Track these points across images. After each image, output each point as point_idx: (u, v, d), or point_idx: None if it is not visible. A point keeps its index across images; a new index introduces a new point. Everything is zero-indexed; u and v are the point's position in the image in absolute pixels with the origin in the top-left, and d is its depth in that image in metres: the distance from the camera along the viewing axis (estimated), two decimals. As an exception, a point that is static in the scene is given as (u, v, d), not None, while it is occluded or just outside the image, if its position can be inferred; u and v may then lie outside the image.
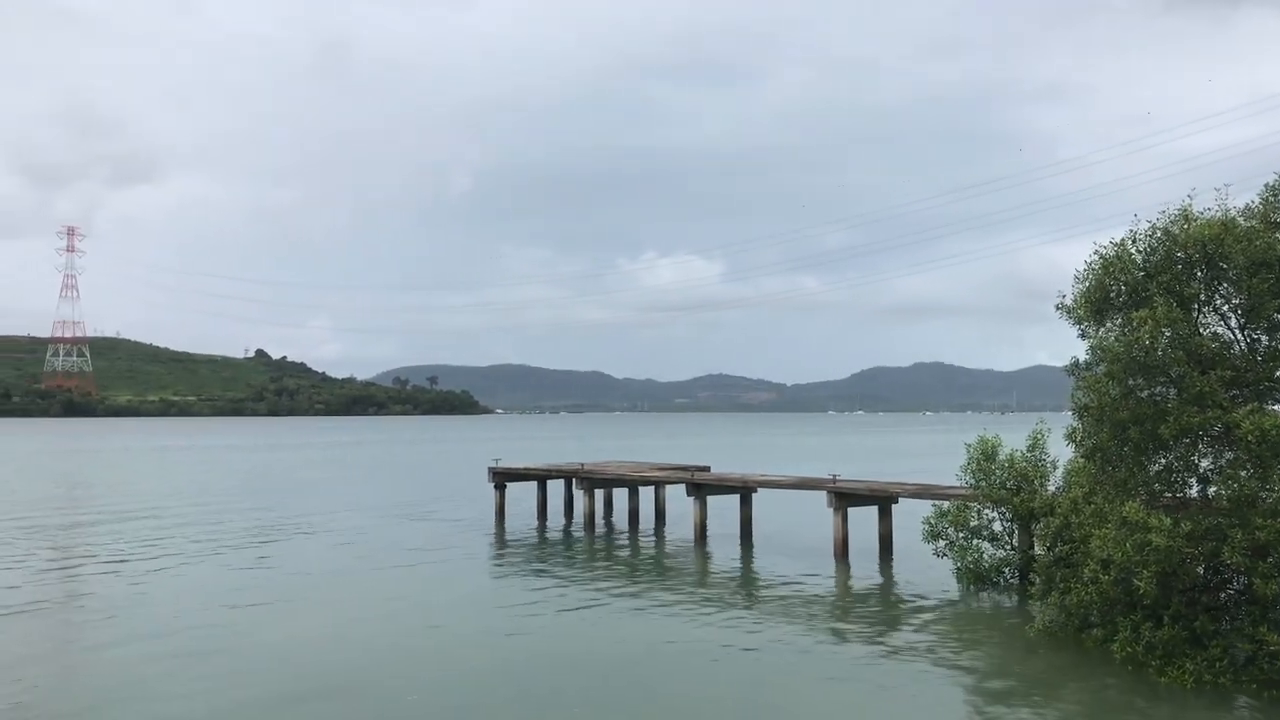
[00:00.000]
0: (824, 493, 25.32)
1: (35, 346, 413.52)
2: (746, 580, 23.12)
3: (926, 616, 18.72)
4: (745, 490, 29.03)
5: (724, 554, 26.70)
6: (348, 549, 28.35)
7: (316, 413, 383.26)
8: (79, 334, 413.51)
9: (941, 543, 21.29)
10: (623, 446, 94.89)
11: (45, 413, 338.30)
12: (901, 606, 19.75)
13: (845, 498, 25.01)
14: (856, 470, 45.07)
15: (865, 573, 23.49)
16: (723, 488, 29.18)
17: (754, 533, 28.84)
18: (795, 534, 29.94)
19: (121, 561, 25.93)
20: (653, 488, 33.25)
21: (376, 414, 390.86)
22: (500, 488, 35.10)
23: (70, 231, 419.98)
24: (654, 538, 30.21)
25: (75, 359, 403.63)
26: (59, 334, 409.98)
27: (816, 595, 20.92)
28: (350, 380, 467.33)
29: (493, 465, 35.66)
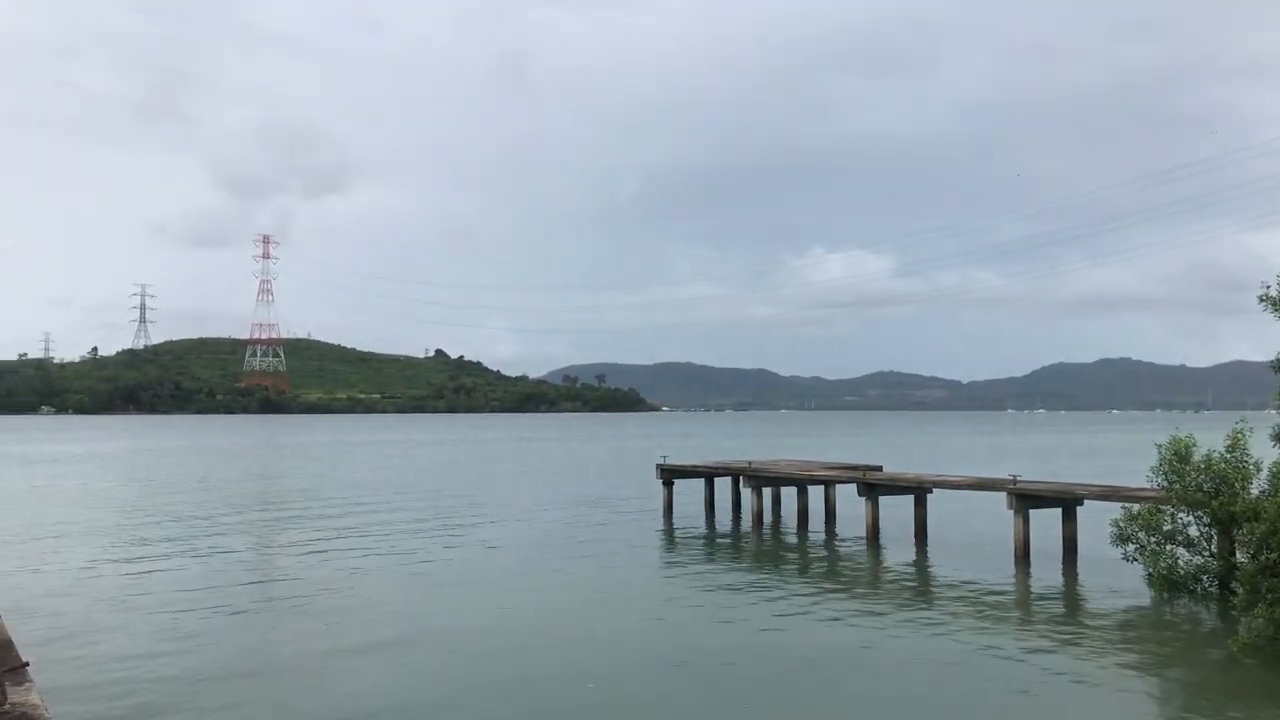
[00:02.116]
0: (1003, 494, 24.43)
1: (236, 347, 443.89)
2: (922, 583, 22.57)
3: (1116, 625, 17.81)
4: (920, 491, 28.31)
5: (898, 556, 26.13)
6: (524, 541, 29.23)
7: (491, 409, 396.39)
8: (274, 336, 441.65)
9: (1131, 547, 20.22)
10: (789, 445, 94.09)
11: (245, 409, 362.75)
12: (1088, 613, 18.85)
13: (1026, 499, 24.06)
14: (1037, 470, 43.29)
15: (1048, 577, 22.52)
16: (896, 488, 28.54)
17: (929, 535, 28.11)
18: (972, 537, 29.01)
19: (321, 552, 27.55)
20: (822, 487, 32.86)
21: (548, 411, 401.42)
22: (668, 484, 35.45)
23: (265, 240, 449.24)
24: (824, 538, 29.85)
25: (271, 359, 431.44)
26: (256, 336, 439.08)
27: (996, 600, 20.21)
28: (523, 378, 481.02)
29: (660, 462, 36.03)
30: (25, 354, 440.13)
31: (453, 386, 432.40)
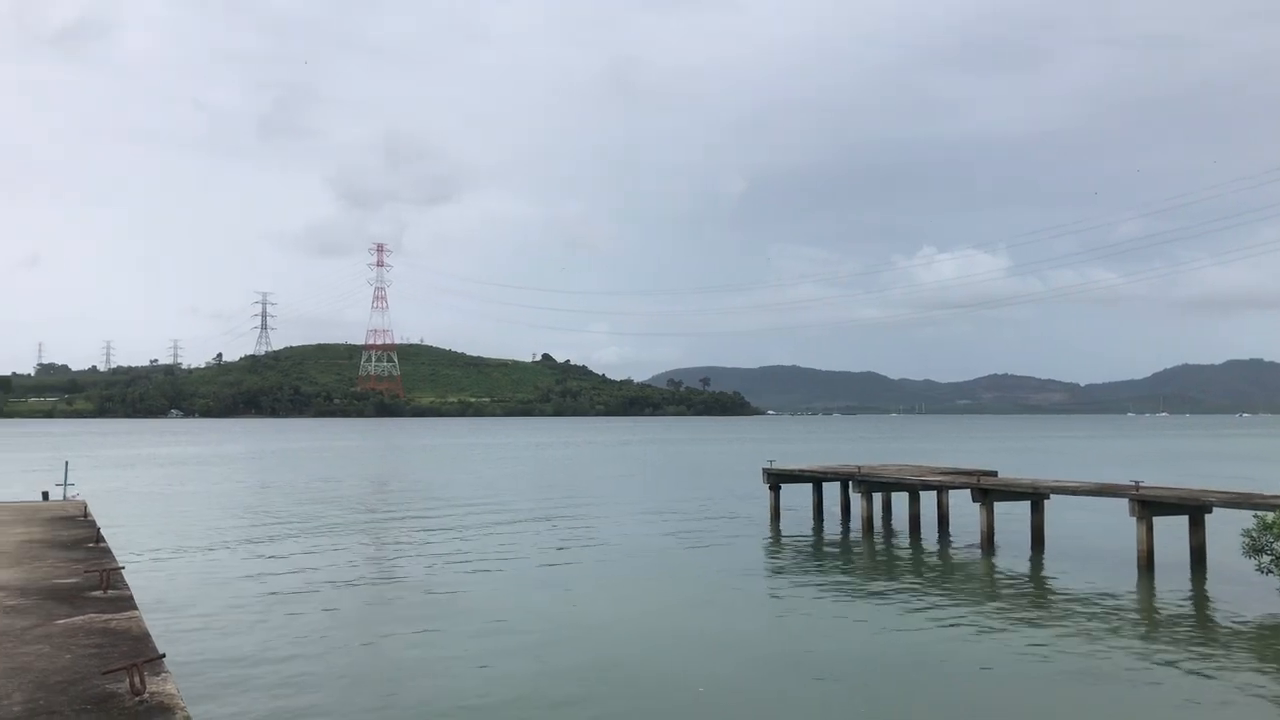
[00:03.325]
0: (1125, 500, 23.58)
1: (352, 353, 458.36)
2: (1039, 592, 21.93)
3: (1248, 641, 16.99)
4: (1036, 496, 27.52)
5: (1013, 563, 25.44)
6: (631, 544, 29.39)
7: (597, 413, 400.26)
8: (388, 341, 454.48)
9: (1266, 558, 19.32)
10: (900, 449, 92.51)
11: (360, 413, 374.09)
12: (1218, 628, 18.03)
13: (1150, 506, 23.16)
14: (1162, 476, 41.70)
15: (1174, 589, 21.60)
16: (1011, 493, 27.79)
17: (1046, 542, 27.31)
18: (1093, 545, 28.08)
19: (440, 550, 28.22)
20: (934, 492, 32.19)
21: (652, 414, 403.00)
22: (775, 489, 35.17)
23: (379, 248, 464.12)
24: (936, 544, 29.24)
25: (385, 364, 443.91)
26: (371, 341, 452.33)
27: (1118, 612, 19.49)
28: (628, 382, 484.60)
29: (767, 466, 35.79)
30: (156, 360, 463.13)
31: (559, 390, 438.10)
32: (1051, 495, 27.28)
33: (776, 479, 35.19)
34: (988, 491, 27.76)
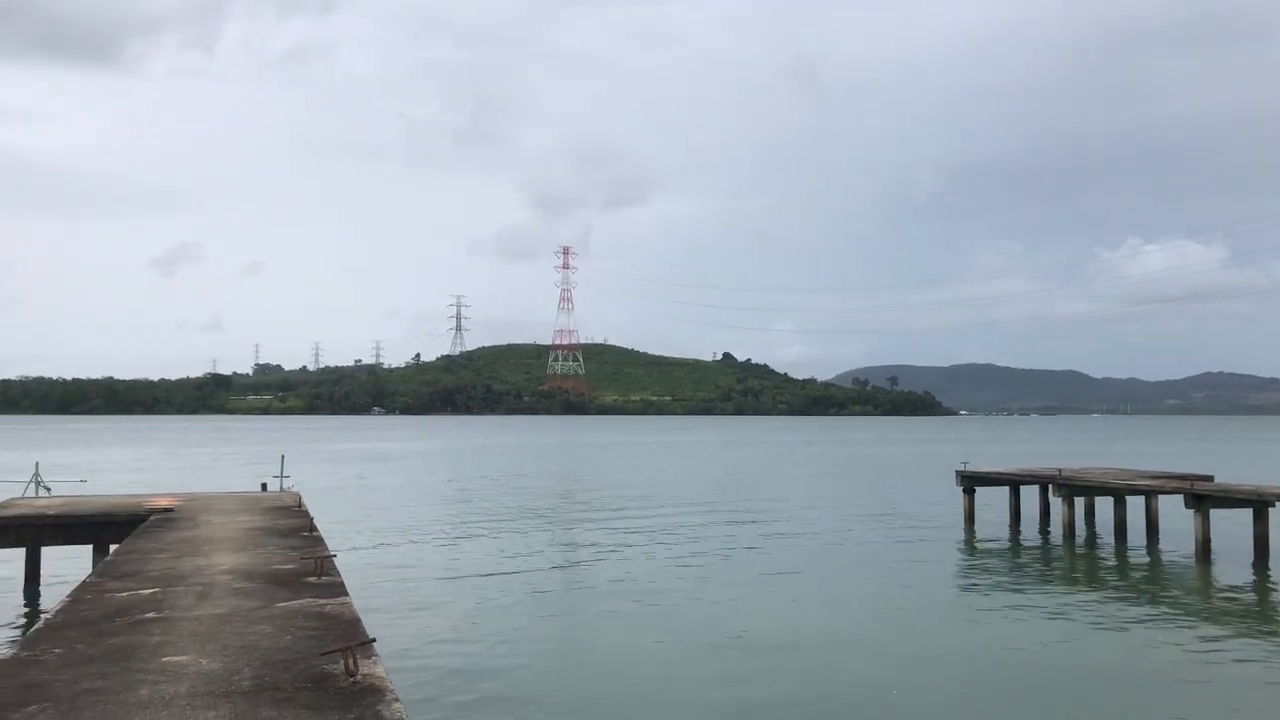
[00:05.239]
0: (1366, 511, 21.50)
1: (540, 353, 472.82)
2: (1262, 609, 20.28)
3: None
4: (1260, 504, 25.42)
5: (1233, 576, 23.60)
6: (821, 546, 29.01)
7: (779, 412, 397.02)
8: (573, 341, 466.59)
9: None
10: (1104, 451, 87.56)
11: (548, 411, 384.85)
12: None
13: (1396, 518, 21.02)
14: None
15: None
16: (1230, 500, 25.77)
17: (1272, 555, 25.22)
18: (1326, 558, 25.74)
19: (632, 549, 28.70)
20: (1142, 497, 30.25)
21: (836, 414, 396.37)
22: (969, 492, 33.93)
23: (565, 251, 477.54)
24: (1145, 553, 27.50)
25: (571, 363, 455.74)
26: (558, 342, 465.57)
27: (1358, 631, 17.79)
28: (810, 381, 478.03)
29: (960, 468, 34.57)
30: (360, 360, 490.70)
31: (740, 389, 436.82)
32: (1276, 503, 25.17)
33: (971, 482, 33.95)
34: (1203, 498, 25.87)
